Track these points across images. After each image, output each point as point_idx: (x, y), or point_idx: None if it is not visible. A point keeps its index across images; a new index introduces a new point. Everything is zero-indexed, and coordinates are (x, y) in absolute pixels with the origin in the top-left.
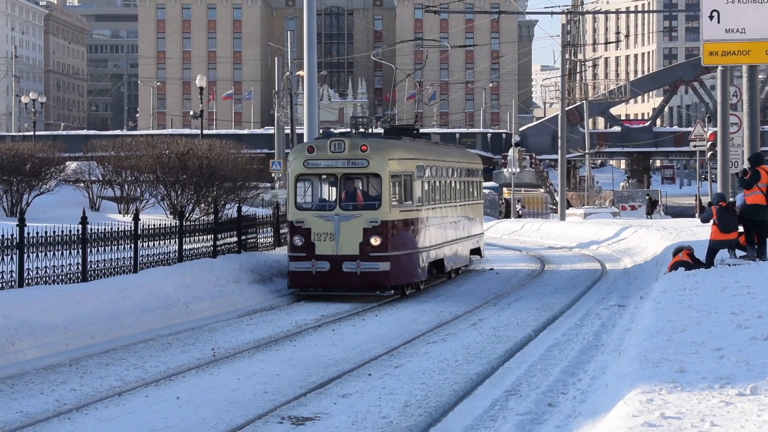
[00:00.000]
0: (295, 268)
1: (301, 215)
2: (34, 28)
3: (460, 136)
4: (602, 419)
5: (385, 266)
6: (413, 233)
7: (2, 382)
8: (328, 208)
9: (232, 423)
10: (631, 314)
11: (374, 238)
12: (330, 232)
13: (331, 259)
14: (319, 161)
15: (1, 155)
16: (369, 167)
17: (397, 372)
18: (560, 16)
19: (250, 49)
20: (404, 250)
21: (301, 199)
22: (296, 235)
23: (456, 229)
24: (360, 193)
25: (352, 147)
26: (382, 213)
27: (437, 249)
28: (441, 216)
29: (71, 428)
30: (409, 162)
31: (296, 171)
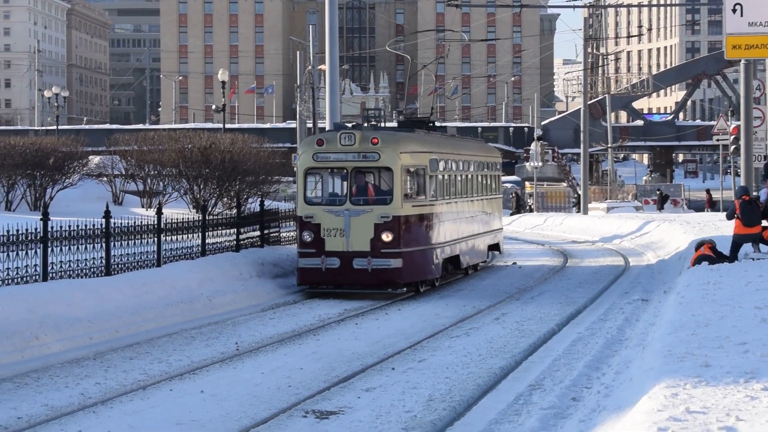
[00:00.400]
0: (304, 265)
1: (310, 210)
2: (57, 23)
3: (482, 130)
4: (627, 414)
5: (397, 263)
6: (426, 229)
7: (27, 376)
8: (338, 203)
9: (256, 417)
10: (654, 309)
11: (386, 233)
12: (340, 227)
13: (342, 256)
14: (328, 154)
15: (24, 149)
16: (380, 161)
17: (420, 366)
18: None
19: (272, 43)
20: (417, 246)
21: (311, 193)
22: (305, 231)
23: (473, 224)
24: (371, 187)
25: (363, 140)
26: (394, 208)
27: (452, 245)
28: (456, 211)
29: (96, 422)
30: (422, 155)
31: (305, 164)
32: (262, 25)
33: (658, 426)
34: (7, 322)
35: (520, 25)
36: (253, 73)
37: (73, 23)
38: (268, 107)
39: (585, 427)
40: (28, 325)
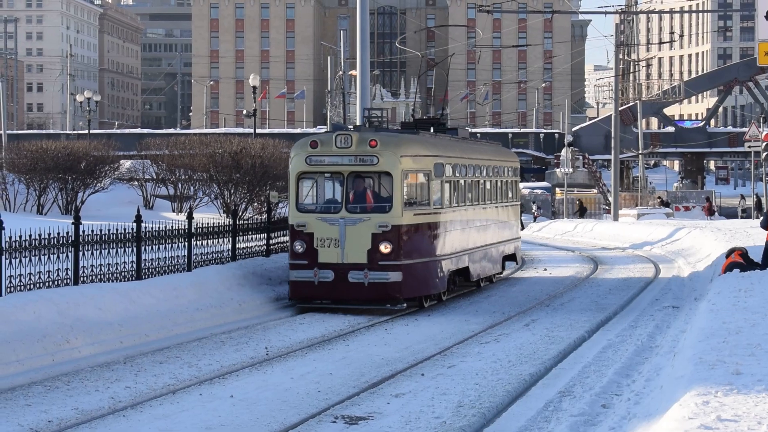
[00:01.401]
0: (296, 278)
1: (302, 218)
2: (89, 27)
3: (513, 136)
4: (657, 421)
5: (396, 276)
6: (430, 239)
7: (58, 379)
8: (332, 210)
9: (285, 422)
10: (685, 316)
11: (384, 244)
12: (335, 237)
13: (336, 268)
14: (323, 157)
15: (56, 153)
16: (378, 165)
17: (450, 372)
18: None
19: (303, 48)
20: (419, 258)
21: (303, 200)
22: (297, 241)
23: (485, 233)
24: (370, 193)
25: (360, 142)
26: (393, 216)
27: (460, 256)
28: (466, 219)
29: (126, 425)
30: (426, 159)
31: (297, 168)
32: (293, 30)
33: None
34: (39, 325)
35: (551, 31)
36: (284, 78)
37: (106, 28)
38: (298, 112)
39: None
40: (59, 329)
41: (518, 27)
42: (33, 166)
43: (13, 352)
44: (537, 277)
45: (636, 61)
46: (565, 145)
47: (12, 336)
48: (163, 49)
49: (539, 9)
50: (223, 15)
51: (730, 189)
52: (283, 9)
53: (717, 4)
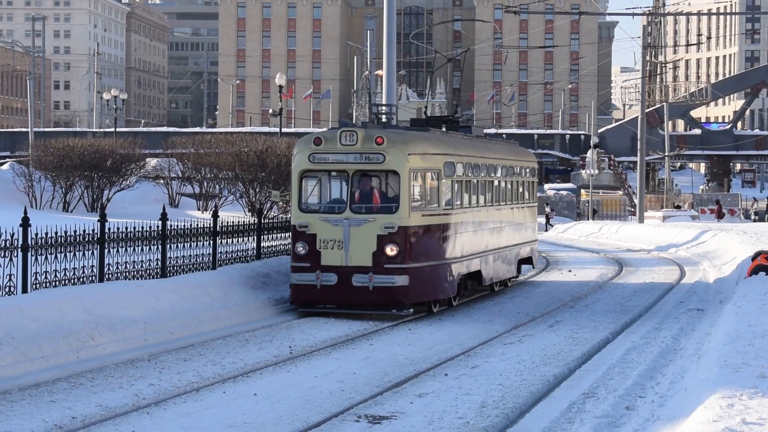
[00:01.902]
0: (297, 281)
1: (305, 218)
2: (116, 26)
3: (538, 137)
4: (682, 423)
5: (403, 280)
6: (439, 241)
7: (82, 376)
8: (336, 210)
9: (308, 420)
10: (710, 319)
11: (390, 247)
12: (338, 239)
13: (340, 271)
14: (326, 155)
15: (82, 151)
16: (385, 163)
17: (473, 372)
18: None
19: (329, 47)
20: (427, 261)
21: (306, 199)
22: (299, 242)
23: (499, 236)
24: (377, 193)
25: (366, 139)
26: (400, 217)
27: (472, 259)
28: (479, 221)
29: (150, 422)
30: (435, 157)
31: (300, 166)
32: (319, 30)
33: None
34: (64, 322)
35: (578, 33)
36: (310, 78)
37: (133, 26)
38: (324, 111)
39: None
40: (84, 326)
41: (545, 28)
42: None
43: (39, 348)
44: (562, 278)
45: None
46: (591, 146)
47: (37, 333)
48: (190, 48)
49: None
50: (250, 14)
51: (756, 192)
52: (309, 8)
53: (745, 6)
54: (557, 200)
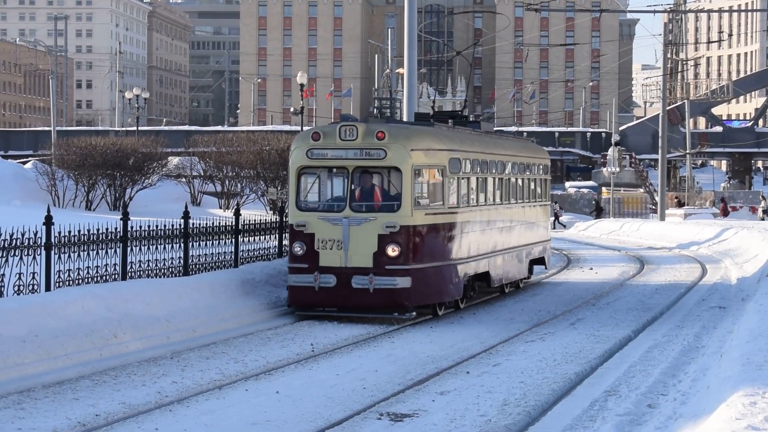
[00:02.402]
0: (294, 282)
1: (302, 217)
2: (138, 25)
3: (559, 135)
4: (704, 421)
5: (405, 282)
6: (444, 241)
7: (105, 374)
8: (336, 209)
9: (330, 418)
10: (732, 317)
11: (391, 247)
12: (337, 238)
13: (339, 272)
14: (325, 151)
15: (105, 150)
16: (386, 159)
17: (495, 370)
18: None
19: (350, 46)
20: (431, 262)
21: (304, 197)
22: (296, 242)
23: (510, 235)
24: (378, 191)
25: (367, 134)
26: (402, 216)
27: (479, 260)
28: (486, 220)
29: (173, 420)
30: (440, 153)
31: (298, 163)
32: (340, 29)
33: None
34: (87, 320)
35: (598, 30)
36: (331, 76)
37: (154, 25)
38: (345, 110)
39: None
40: (107, 324)
41: (566, 26)
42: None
43: (62, 346)
44: (583, 275)
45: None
46: (612, 144)
47: (60, 330)
48: (211, 47)
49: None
50: (271, 13)
51: None
52: (330, 7)
53: (766, 3)
54: (578, 198)
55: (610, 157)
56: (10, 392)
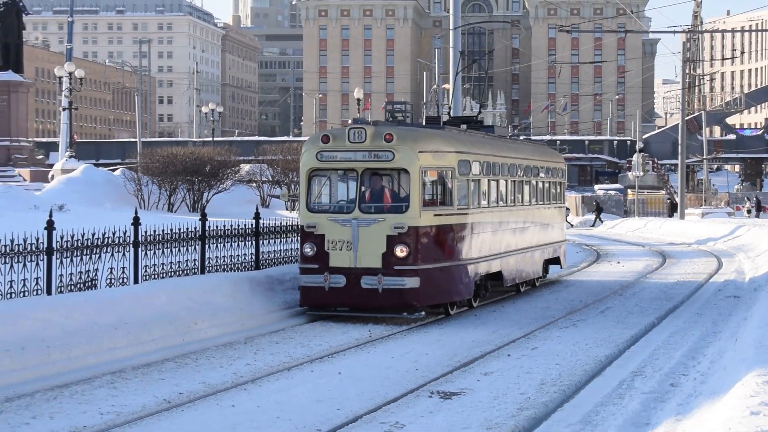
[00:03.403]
0: (305, 283)
1: (313, 219)
2: (213, 47)
3: (589, 143)
4: (721, 399)
5: (413, 282)
6: (453, 242)
7: (187, 357)
8: (345, 210)
9: (387, 396)
10: (745, 305)
11: (400, 247)
12: (347, 239)
13: (348, 273)
14: (335, 153)
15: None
16: (394, 161)
17: (533, 353)
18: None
19: (401, 64)
20: (439, 263)
21: (314, 199)
22: (307, 243)
23: (523, 236)
24: (387, 192)
25: (375, 136)
26: (410, 217)
27: (491, 260)
28: (498, 221)
29: (247, 398)
30: (449, 155)
31: (308, 165)
32: (392, 49)
33: (751, 410)
34: (170, 309)
35: (623, 49)
36: (384, 92)
37: (227, 47)
38: None
39: (683, 411)
40: (188, 312)
41: (594, 45)
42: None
43: (149, 332)
44: (611, 269)
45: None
46: (636, 151)
47: (147, 319)
48: (278, 66)
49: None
50: (330, 35)
51: None
52: (383, 30)
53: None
54: (606, 199)
55: (634, 162)
56: (104, 373)
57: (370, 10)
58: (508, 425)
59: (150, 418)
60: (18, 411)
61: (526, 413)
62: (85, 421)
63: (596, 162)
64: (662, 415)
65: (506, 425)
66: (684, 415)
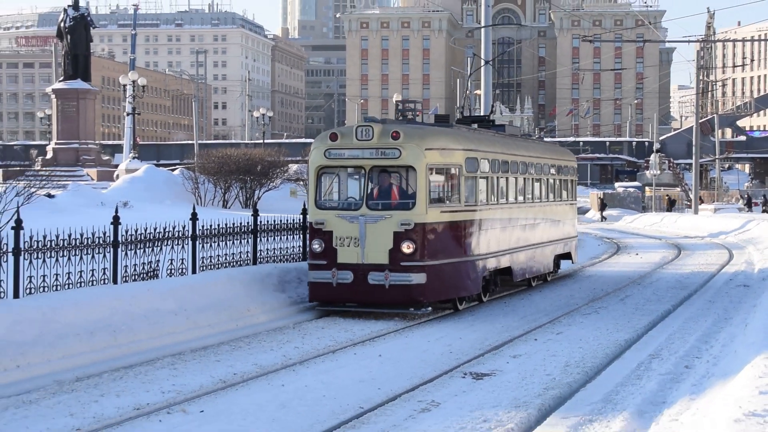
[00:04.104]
0: (314, 279)
1: (321, 215)
2: (263, 57)
3: (609, 144)
4: (732, 379)
5: (420, 278)
6: (461, 238)
7: (241, 341)
8: (353, 207)
9: (424, 376)
10: (754, 293)
11: (406, 244)
12: (354, 236)
13: (356, 269)
14: (342, 151)
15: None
16: (401, 158)
17: (558, 338)
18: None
19: (436, 72)
20: (446, 259)
21: (323, 196)
22: (315, 239)
23: (533, 233)
24: (394, 189)
25: (383, 134)
26: (417, 214)
27: (500, 256)
28: (508, 217)
29: (295, 378)
30: (456, 153)
31: (316, 163)
32: (428, 58)
33: (760, 390)
34: (225, 297)
35: (642, 57)
36: (420, 97)
37: (276, 57)
38: None
39: (696, 390)
40: (241, 300)
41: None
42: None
43: (206, 318)
44: (630, 260)
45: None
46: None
47: (204, 306)
48: (323, 74)
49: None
50: (371, 45)
51: None
52: (420, 40)
53: None
54: (626, 196)
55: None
56: (165, 355)
57: (407, 22)
58: (535, 403)
59: (207, 396)
60: (87, 390)
61: (552, 393)
62: (148, 398)
63: (616, 161)
64: (677, 395)
65: (533, 403)
66: (697, 394)
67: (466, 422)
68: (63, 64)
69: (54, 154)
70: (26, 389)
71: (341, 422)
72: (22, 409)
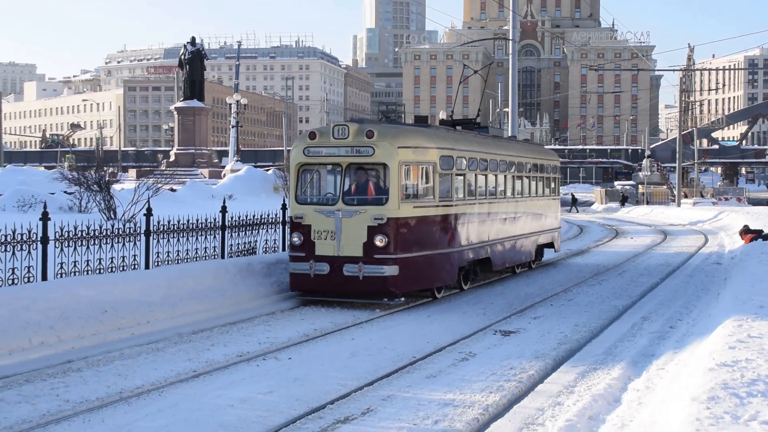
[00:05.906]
0: (294, 270)
1: (300, 210)
2: (338, 81)
3: (610, 150)
4: (707, 337)
5: (392, 270)
6: (435, 232)
7: (320, 303)
8: (330, 202)
9: (463, 333)
10: (725, 269)
11: (379, 237)
12: (331, 229)
13: (332, 261)
14: (320, 149)
15: None
16: (375, 156)
17: (569, 303)
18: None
19: (473, 94)
20: (419, 252)
21: (302, 191)
22: (295, 233)
23: (513, 226)
24: (372, 185)
25: (358, 133)
26: (389, 209)
27: (479, 248)
28: (487, 212)
29: (362, 333)
30: (429, 151)
31: (296, 160)
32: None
33: (729, 345)
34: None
35: (636, 82)
36: (461, 115)
37: (348, 82)
38: None
39: (679, 346)
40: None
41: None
42: None
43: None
44: (626, 242)
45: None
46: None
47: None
48: (384, 96)
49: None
50: (422, 72)
51: (755, 186)
52: (460, 68)
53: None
54: (623, 191)
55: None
56: (262, 314)
57: (451, 55)
58: (551, 355)
59: (294, 347)
60: (201, 341)
61: (564, 347)
62: (248, 348)
63: (615, 164)
64: (663, 349)
65: (550, 355)
66: (680, 349)
67: (496, 369)
68: (183, 87)
69: (175, 158)
70: (155, 339)
71: (398, 368)
72: (152, 354)
